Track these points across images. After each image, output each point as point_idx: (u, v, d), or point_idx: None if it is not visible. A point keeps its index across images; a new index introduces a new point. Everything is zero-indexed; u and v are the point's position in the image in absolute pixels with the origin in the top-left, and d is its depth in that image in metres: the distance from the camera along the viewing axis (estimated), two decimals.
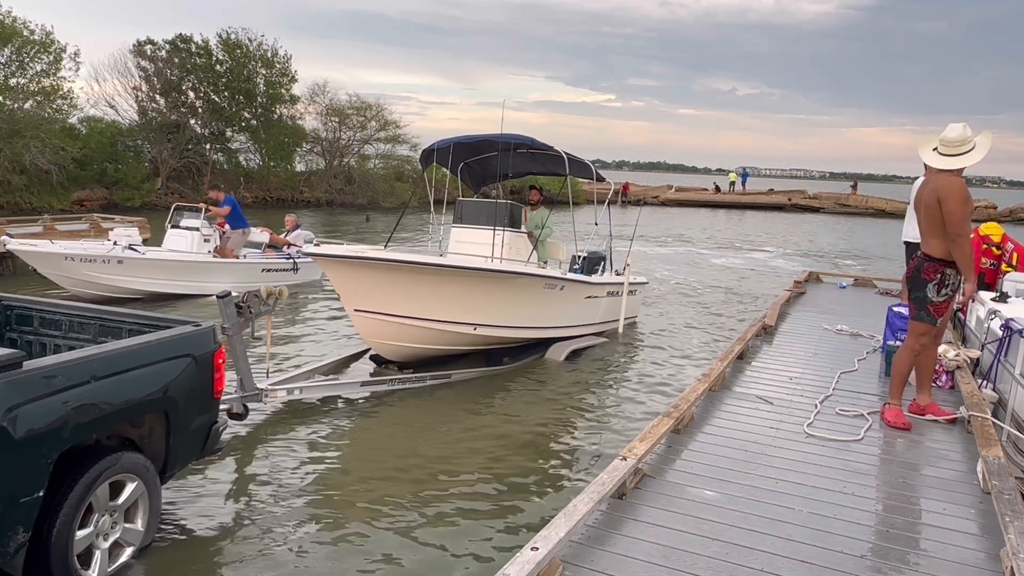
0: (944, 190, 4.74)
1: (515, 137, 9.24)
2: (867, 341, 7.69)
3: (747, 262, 20.96)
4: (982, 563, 3.30)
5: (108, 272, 11.16)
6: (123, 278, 11.29)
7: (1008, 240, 9.09)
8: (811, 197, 48.88)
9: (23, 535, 3.32)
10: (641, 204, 39.14)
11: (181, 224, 12.28)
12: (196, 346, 4.26)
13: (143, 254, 11.40)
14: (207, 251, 12.17)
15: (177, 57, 31.37)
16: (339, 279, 7.37)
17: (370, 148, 37.32)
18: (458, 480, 5.57)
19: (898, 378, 5.19)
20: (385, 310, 7.44)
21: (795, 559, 3.25)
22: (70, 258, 10.91)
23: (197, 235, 12.10)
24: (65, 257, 10.90)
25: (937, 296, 4.93)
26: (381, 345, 7.90)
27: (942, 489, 4.09)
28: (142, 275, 11.44)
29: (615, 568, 3.11)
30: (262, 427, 6.45)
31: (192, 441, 4.36)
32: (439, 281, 7.54)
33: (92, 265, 11.05)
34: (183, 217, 12.42)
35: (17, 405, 3.19)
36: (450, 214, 9.85)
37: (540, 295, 8.56)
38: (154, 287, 11.54)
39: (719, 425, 4.99)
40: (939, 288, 4.91)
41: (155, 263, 11.49)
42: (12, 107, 25.16)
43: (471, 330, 8.03)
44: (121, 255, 11.18)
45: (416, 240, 19.68)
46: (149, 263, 11.43)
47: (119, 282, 11.28)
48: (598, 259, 10.84)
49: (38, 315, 4.85)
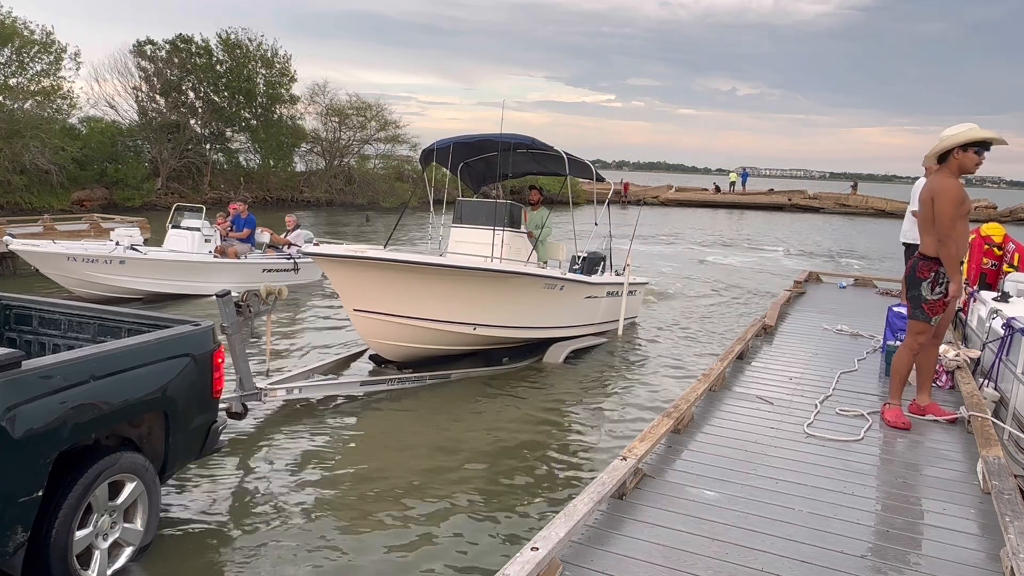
0: (938, 190, 4.76)
1: (515, 137, 9.23)
2: (867, 341, 7.69)
3: (747, 262, 20.95)
4: (982, 563, 3.29)
5: (110, 272, 11.18)
6: (125, 278, 11.31)
7: (1009, 240, 9.09)
8: (811, 197, 48.89)
9: (22, 535, 3.31)
10: (641, 204, 39.13)
11: (182, 224, 12.30)
12: (195, 345, 4.26)
13: (145, 254, 11.42)
14: (208, 251, 12.20)
15: (177, 57, 31.39)
16: (338, 279, 7.36)
17: (370, 148, 37.33)
18: (458, 480, 5.56)
19: (897, 378, 5.19)
20: (384, 310, 7.43)
21: (795, 559, 3.24)
22: (72, 258, 10.92)
23: (198, 235, 12.13)
24: (67, 257, 10.91)
25: (931, 294, 4.93)
26: (380, 345, 7.89)
27: (942, 489, 4.09)
28: (144, 275, 11.45)
29: (615, 568, 3.11)
30: (261, 427, 6.45)
31: (191, 441, 4.36)
32: (438, 281, 7.53)
33: (94, 265, 11.07)
34: (184, 217, 12.43)
35: (16, 405, 3.19)
36: (450, 214, 9.84)
37: (540, 295, 8.55)
38: (156, 287, 11.57)
39: (719, 425, 4.98)
40: (933, 286, 4.92)
41: (157, 263, 11.51)
42: (12, 107, 25.16)
43: (471, 330, 8.02)
44: (123, 255, 11.19)
45: (416, 240, 19.68)
46: (151, 263, 11.45)
47: (121, 282, 11.29)
48: (598, 259, 10.82)
49: (37, 314, 4.84)
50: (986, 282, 9.00)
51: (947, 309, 5.05)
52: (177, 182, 30.62)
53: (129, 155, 29.90)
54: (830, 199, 47.96)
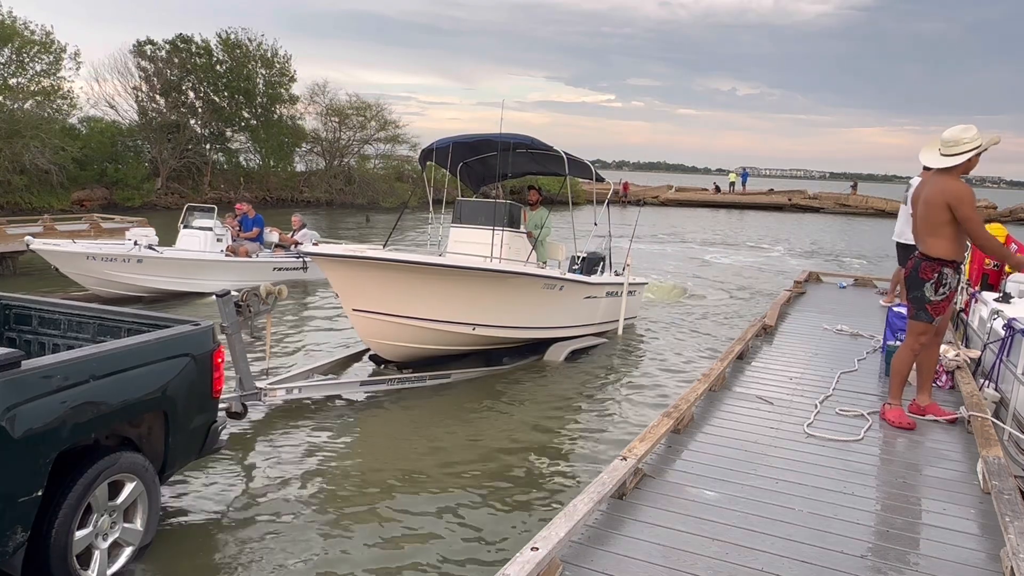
0: (957, 197, 4.70)
1: (515, 137, 9.20)
2: (867, 341, 7.69)
3: (747, 262, 20.95)
4: (982, 563, 3.29)
5: (128, 271, 11.49)
6: (142, 277, 11.63)
7: (1012, 241, 9.08)
8: (811, 197, 48.87)
9: (22, 535, 3.31)
10: (641, 204, 39.12)
11: (193, 224, 12.63)
12: (195, 345, 4.26)
13: (161, 254, 11.73)
14: (219, 251, 12.51)
15: (177, 57, 31.40)
16: (337, 279, 7.35)
17: (370, 148, 37.35)
18: (457, 480, 5.56)
19: (898, 378, 5.19)
20: (383, 310, 7.42)
21: (795, 559, 3.24)
22: (92, 257, 11.21)
23: (210, 235, 12.45)
24: (87, 257, 11.18)
25: (935, 295, 4.93)
26: (379, 345, 7.88)
27: (942, 489, 4.09)
28: (161, 274, 11.78)
29: (615, 568, 3.11)
30: (261, 426, 6.44)
31: (191, 441, 4.35)
32: (437, 281, 7.52)
33: (113, 264, 11.37)
34: (195, 217, 12.76)
35: (16, 404, 3.19)
36: (449, 214, 9.84)
37: (539, 295, 8.54)
38: (172, 285, 11.87)
39: (719, 425, 4.98)
40: (936, 287, 4.92)
41: (173, 262, 11.84)
42: (12, 107, 25.17)
43: (470, 330, 8.01)
44: (141, 255, 11.52)
45: (416, 240, 19.67)
46: (167, 262, 11.78)
47: (139, 281, 11.62)
48: (597, 259, 10.81)
49: (37, 314, 4.84)
50: (988, 283, 9.00)
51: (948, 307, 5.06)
52: (177, 182, 30.63)
53: (129, 155, 29.93)
54: (830, 199, 47.94)
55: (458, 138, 9.46)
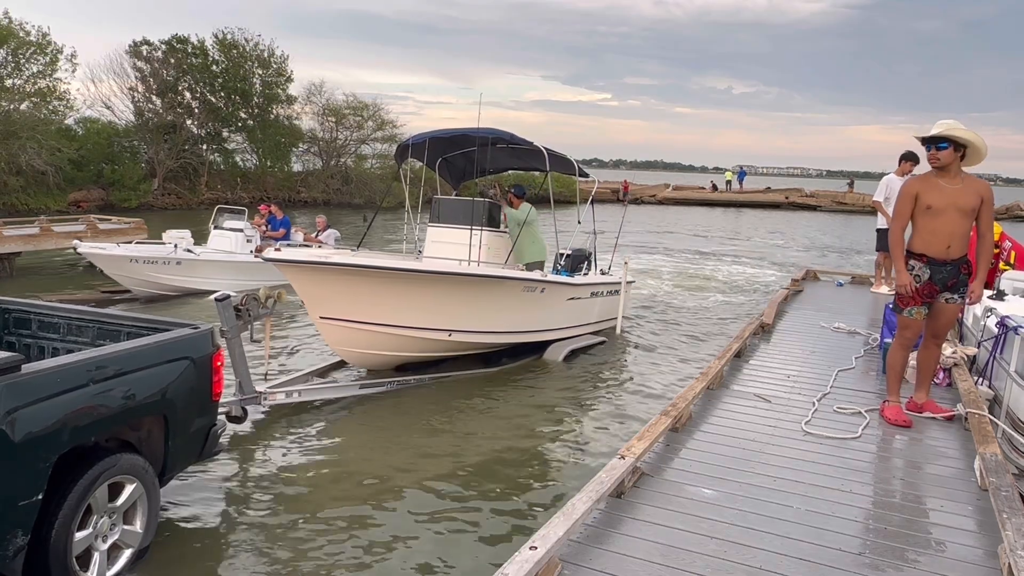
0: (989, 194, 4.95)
1: (493, 132, 8.75)
2: (865, 339, 7.71)
3: (744, 260, 20.97)
4: (980, 559, 3.31)
5: (168, 272, 12.01)
6: (181, 278, 12.12)
7: (1006, 238, 9.09)
8: (808, 195, 48.93)
9: (22, 538, 3.31)
10: (639, 203, 39.13)
11: (224, 225, 13.01)
12: (195, 349, 4.26)
13: (198, 255, 12.22)
14: (249, 251, 12.78)
15: (173, 57, 31.37)
16: (302, 285, 6.96)
17: (367, 148, 37.34)
18: (456, 479, 5.57)
19: (893, 374, 5.21)
20: (352, 317, 7.09)
21: (793, 557, 3.26)
22: (134, 260, 11.73)
23: (241, 236, 12.81)
24: (130, 259, 11.73)
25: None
26: (349, 353, 7.56)
27: (940, 486, 4.11)
28: (197, 275, 12.20)
29: (613, 567, 3.12)
30: (261, 429, 6.45)
31: (191, 444, 4.36)
32: (409, 286, 7.19)
33: (154, 266, 11.86)
34: (226, 219, 13.18)
35: (16, 408, 3.19)
36: (427, 213, 9.55)
37: (518, 298, 8.17)
38: (207, 285, 12.07)
39: (717, 423, 4.99)
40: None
41: (209, 264, 12.26)
42: (8, 108, 25.12)
43: (446, 336, 7.70)
44: (180, 256, 12.01)
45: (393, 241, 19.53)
46: (204, 264, 12.23)
47: (177, 281, 12.10)
48: (582, 257, 10.47)
49: (36, 318, 4.84)
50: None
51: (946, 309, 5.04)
52: (174, 183, 30.61)
53: (125, 156, 29.89)
54: (827, 197, 48.00)
55: (435, 133, 9.12)
